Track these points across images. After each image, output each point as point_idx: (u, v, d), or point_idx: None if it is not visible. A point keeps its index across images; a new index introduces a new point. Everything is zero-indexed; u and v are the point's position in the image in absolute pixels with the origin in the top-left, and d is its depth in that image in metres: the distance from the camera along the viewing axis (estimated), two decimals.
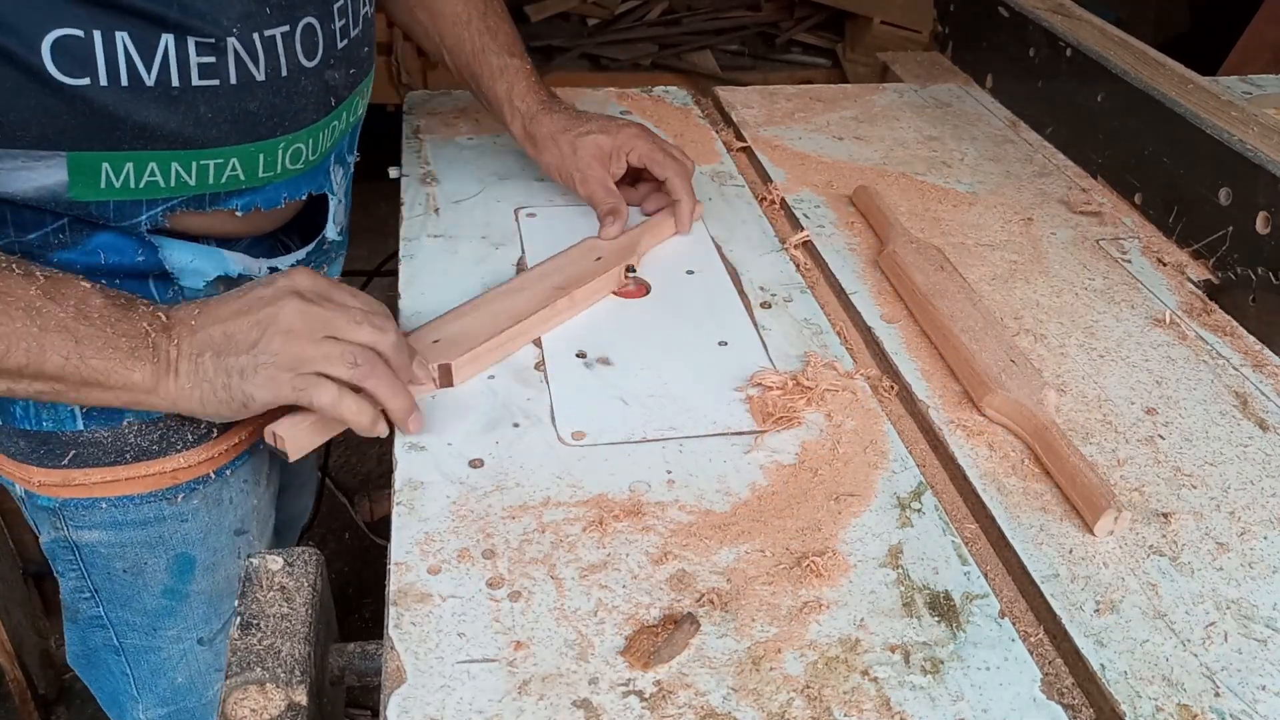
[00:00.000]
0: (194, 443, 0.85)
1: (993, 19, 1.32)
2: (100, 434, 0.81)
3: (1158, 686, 0.57)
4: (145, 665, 0.96)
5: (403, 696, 0.54)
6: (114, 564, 0.89)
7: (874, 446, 0.73)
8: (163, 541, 0.88)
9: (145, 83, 0.67)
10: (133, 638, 0.94)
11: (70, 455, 0.82)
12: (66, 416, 0.80)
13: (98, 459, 0.82)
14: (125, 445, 0.82)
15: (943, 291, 0.87)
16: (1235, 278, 0.92)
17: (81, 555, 0.88)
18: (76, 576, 0.90)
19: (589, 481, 0.69)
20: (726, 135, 1.19)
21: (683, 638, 0.57)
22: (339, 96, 0.81)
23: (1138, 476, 0.72)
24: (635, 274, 0.90)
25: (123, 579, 0.90)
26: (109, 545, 0.88)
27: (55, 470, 0.82)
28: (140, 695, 0.98)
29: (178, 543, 0.89)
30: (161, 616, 0.93)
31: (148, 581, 0.90)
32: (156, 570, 0.90)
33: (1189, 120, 0.98)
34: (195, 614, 0.94)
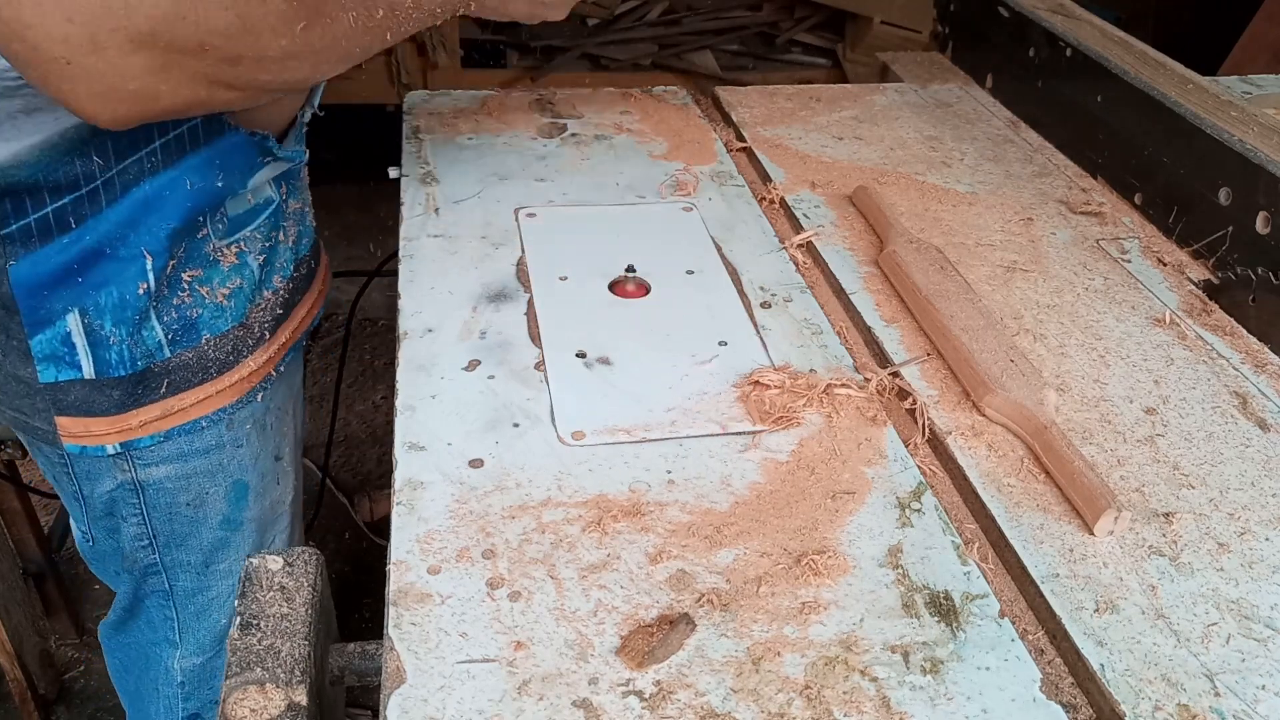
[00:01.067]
0: (254, 346, 0.94)
1: (993, 19, 1.32)
2: (185, 355, 0.89)
3: (1158, 686, 0.57)
4: (192, 608, 1.03)
5: (403, 696, 0.54)
6: (179, 498, 0.96)
7: (873, 446, 0.73)
8: (222, 469, 0.96)
9: None
10: (184, 579, 1.01)
11: (165, 385, 0.89)
12: (155, 348, 0.87)
13: (188, 381, 0.90)
14: (208, 361, 0.91)
15: (943, 291, 0.87)
16: (1235, 278, 0.92)
17: (146, 497, 0.95)
18: (138, 522, 0.96)
19: (589, 481, 0.69)
20: (726, 135, 1.20)
21: (678, 638, 0.57)
22: None
23: (1138, 476, 0.72)
24: (635, 274, 0.90)
25: (184, 514, 0.97)
26: (175, 479, 0.94)
27: (155, 404, 0.89)
28: (182, 640, 1.05)
29: (234, 469, 0.97)
30: (216, 550, 1.01)
31: (208, 513, 0.98)
32: (216, 499, 0.98)
33: (1189, 120, 0.98)
34: (247, 542, 1.03)
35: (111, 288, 0.82)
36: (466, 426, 0.73)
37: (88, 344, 0.84)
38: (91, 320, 0.83)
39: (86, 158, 0.76)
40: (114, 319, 0.84)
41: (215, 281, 0.89)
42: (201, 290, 0.88)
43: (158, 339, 0.87)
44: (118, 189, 0.79)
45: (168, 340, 0.87)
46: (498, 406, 0.75)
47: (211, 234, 0.87)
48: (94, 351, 0.84)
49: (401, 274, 0.90)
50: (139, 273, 0.83)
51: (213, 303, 0.89)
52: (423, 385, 0.77)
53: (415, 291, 0.88)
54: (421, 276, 0.90)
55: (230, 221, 0.88)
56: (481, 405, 0.75)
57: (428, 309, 0.85)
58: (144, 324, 0.85)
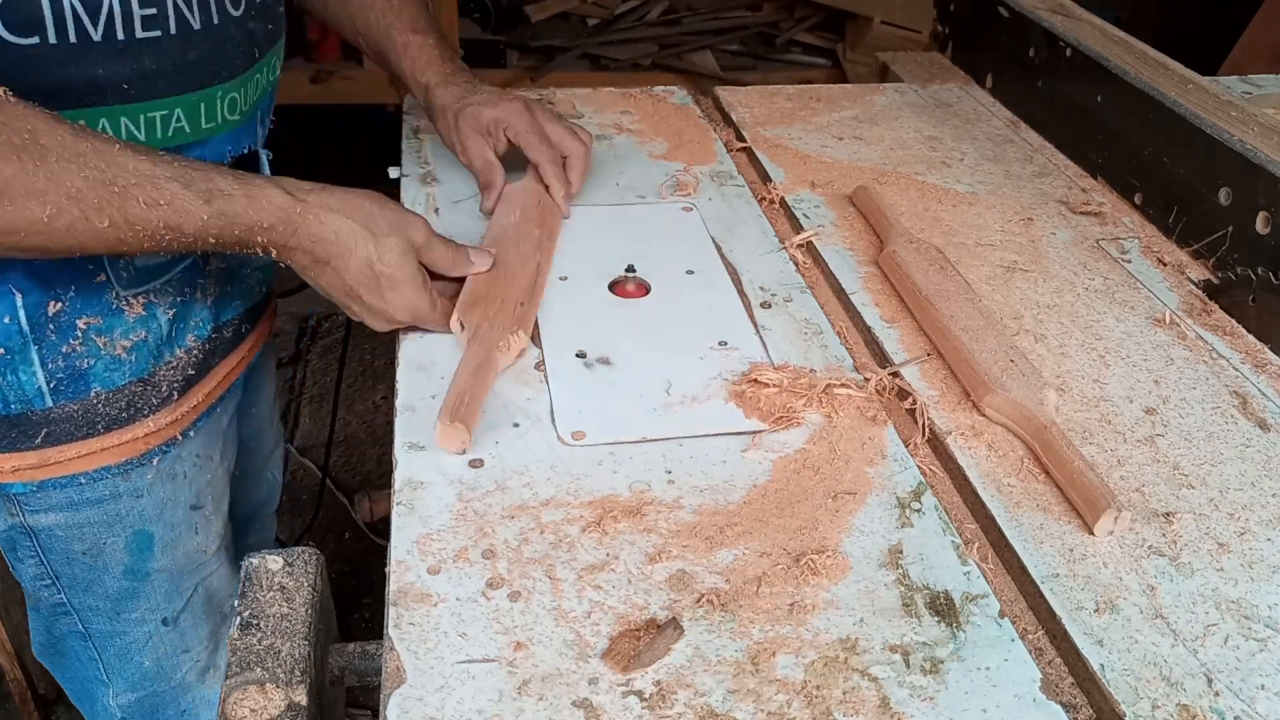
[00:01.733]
0: (158, 406, 0.88)
1: (993, 19, 1.32)
2: (70, 408, 0.83)
3: (1158, 686, 0.57)
4: (112, 650, 0.98)
5: (403, 696, 0.54)
6: (73, 546, 0.91)
7: (874, 446, 0.73)
8: (120, 519, 0.91)
9: (92, 38, 0.70)
10: (98, 622, 0.96)
11: (43, 434, 0.84)
12: (34, 395, 0.82)
13: (70, 434, 0.84)
14: (96, 416, 0.85)
15: (943, 291, 0.86)
16: (1235, 278, 0.92)
17: (40, 541, 0.90)
18: (36, 563, 0.92)
19: (589, 481, 0.69)
20: (726, 135, 1.19)
21: (665, 642, 0.56)
22: (261, 49, 0.86)
23: (1138, 476, 0.72)
24: (635, 274, 0.90)
25: (82, 561, 0.92)
26: (66, 527, 0.89)
27: (30, 452, 0.84)
28: (110, 680, 1.00)
29: (135, 520, 0.91)
30: (124, 599, 0.95)
31: (108, 563, 0.92)
32: (116, 550, 0.92)
33: (1189, 120, 0.98)
34: (158, 593, 0.96)
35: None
36: None
37: None
38: None
39: None
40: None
41: (116, 332, 0.83)
42: (98, 340, 0.83)
43: (37, 385, 0.81)
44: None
45: (49, 388, 0.82)
46: (498, 406, 0.75)
47: (113, 280, 0.82)
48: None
49: None
50: (8, 309, 0.78)
51: (109, 355, 0.84)
52: (423, 385, 0.77)
53: None
54: None
55: (137, 271, 0.83)
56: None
57: None
58: (20, 366, 0.80)
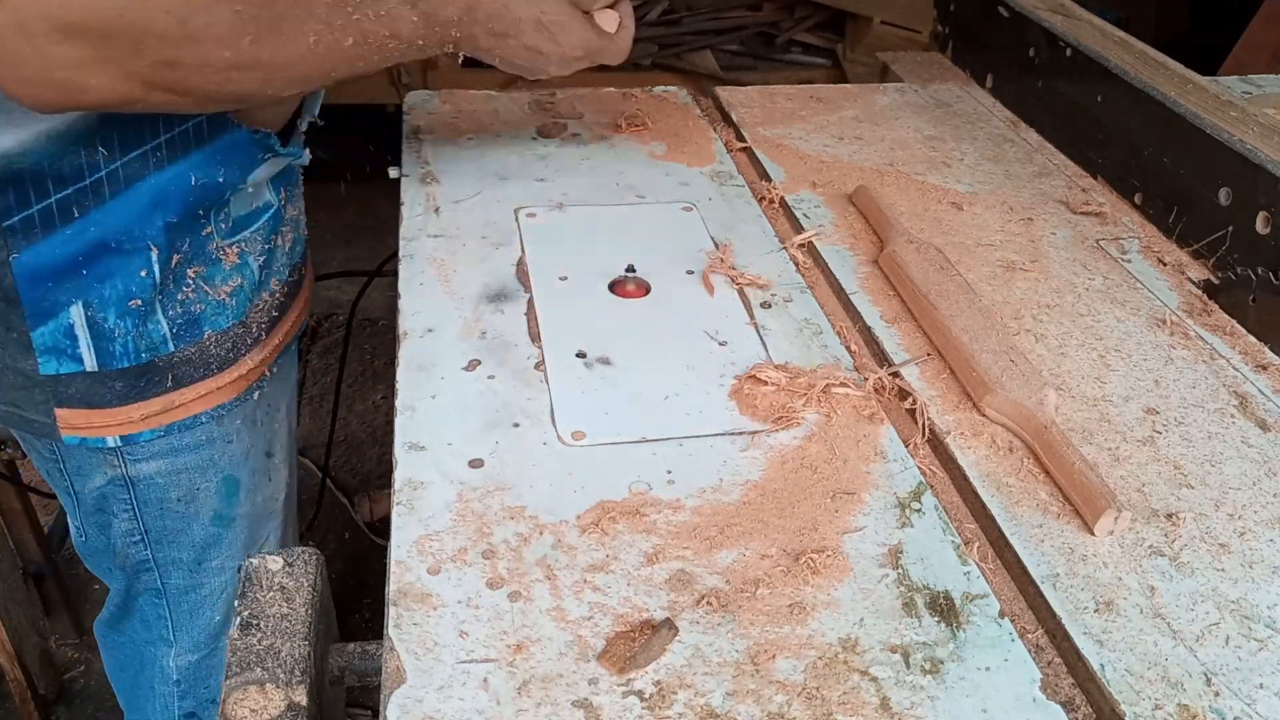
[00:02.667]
0: (252, 345, 0.96)
1: (993, 19, 1.32)
2: (189, 351, 0.90)
3: (1158, 686, 0.57)
4: (185, 605, 1.03)
5: (403, 696, 0.54)
6: (169, 494, 0.96)
7: (873, 446, 0.73)
8: (213, 464, 0.97)
9: None
10: (176, 576, 1.01)
11: (170, 379, 0.90)
12: (160, 342, 0.88)
13: (190, 376, 0.91)
14: (209, 357, 0.92)
15: (943, 291, 0.86)
16: (1235, 278, 0.92)
17: (136, 492, 0.95)
18: (129, 518, 0.97)
19: (589, 482, 0.69)
20: (726, 135, 1.19)
21: (660, 643, 0.56)
22: None
23: (1138, 476, 0.72)
24: (635, 274, 0.90)
25: (175, 510, 0.97)
26: (165, 474, 0.95)
27: (158, 398, 0.90)
28: (176, 638, 1.05)
29: (225, 464, 0.98)
30: (208, 547, 1.01)
31: (199, 509, 0.98)
32: (208, 495, 0.98)
33: (1189, 120, 0.98)
34: (239, 540, 1.03)
35: (116, 280, 0.83)
36: (466, 426, 0.73)
37: (90, 337, 0.84)
38: (95, 313, 0.83)
39: (91, 149, 0.76)
40: (118, 311, 0.84)
41: (218, 279, 0.90)
42: (205, 287, 0.89)
43: (163, 333, 0.87)
44: (122, 181, 0.79)
45: (172, 334, 0.88)
46: (498, 406, 0.75)
47: (215, 232, 0.87)
48: (97, 344, 0.85)
49: (401, 274, 0.90)
50: (144, 264, 0.83)
51: (215, 299, 0.90)
52: (423, 385, 0.77)
53: (415, 291, 0.88)
54: (421, 276, 0.90)
55: (234, 222, 0.89)
56: (481, 405, 0.75)
57: (428, 309, 0.85)
58: (149, 317, 0.85)
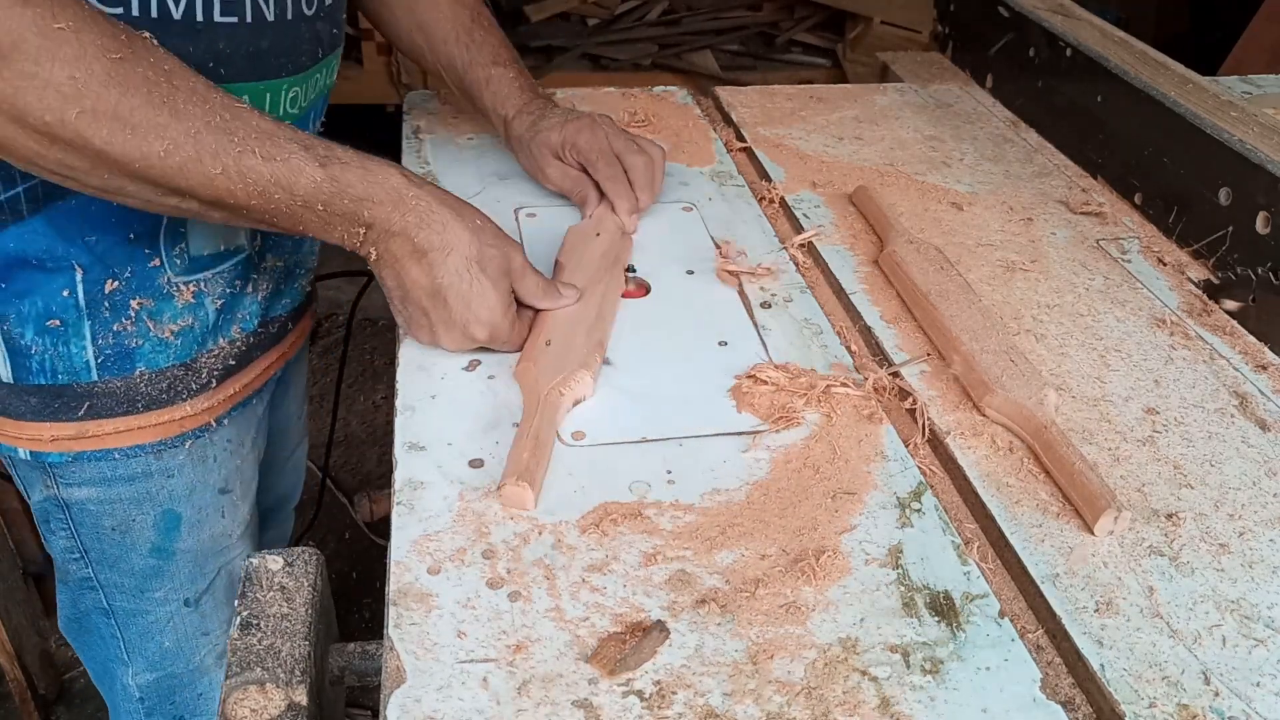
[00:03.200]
0: (197, 392, 0.90)
1: (993, 19, 1.32)
2: (114, 384, 0.85)
3: (1157, 686, 0.57)
4: (134, 628, 0.99)
5: (403, 696, 0.54)
6: (103, 521, 0.92)
7: (873, 446, 0.73)
8: (150, 497, 0.92)
9: (172, 16, 0.72)
10: (121, 600, 0.98)
11: (85, 407, 0.85)
12: (81, 367, 0.83)
13: (110, 409, 0.86)
14: (136, 395, 0.87)
15: (943, 291, 0.87)
16: (1235, 278, 0.92)
17: (71, 514, 0.92)
18: (67, 536, 0.94)
19: (589, 482, 0.69)
20: (726, 135, 1.19)
21: (650, 645, 0.56)
22: (324, 50, 0.88)
23: (1138, 476, 0.72)
24: (635, 274, 0.90)
25: (111, 537, 0.93)
26: (98, 502, 0.91)
27: (70, 423, 0.86)
28: (130, 659, 1.02)
29: (164, 498, 0.93)
30: (149, 577, 0.96)
31: (135, 540, 0.94)
32: (144, 527, 0.93)
33: (1189, 120, 0.98)
34: (181, 573, 0.98)
35: (35, 297, 0.80)
36: (466, 426, 0.73)
37: (6, 350, 0.82)
38: (12, 328, 0.81)
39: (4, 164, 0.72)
40: (35, 329, 0.81)
41: (165, 316, 0.85)
42: (148, 322, 0.84)
43: (86, 359, 0.83)
44: (41, 199, 0.76)
45: (97, 363, 0.84)
46: (498, 406, 0.75)
47: (166, 266, 0.84)
48: (12, 358, 0.82)
49: None
50: (67, 284, 0.80)
51: (157, 336, 0.85)
52: (423, 385, 0.77)
53: None
54: None
55: (191, 260, 0.85)
56: (481, 405, 0.75)
57: None
58: (72, 339, 0.82)
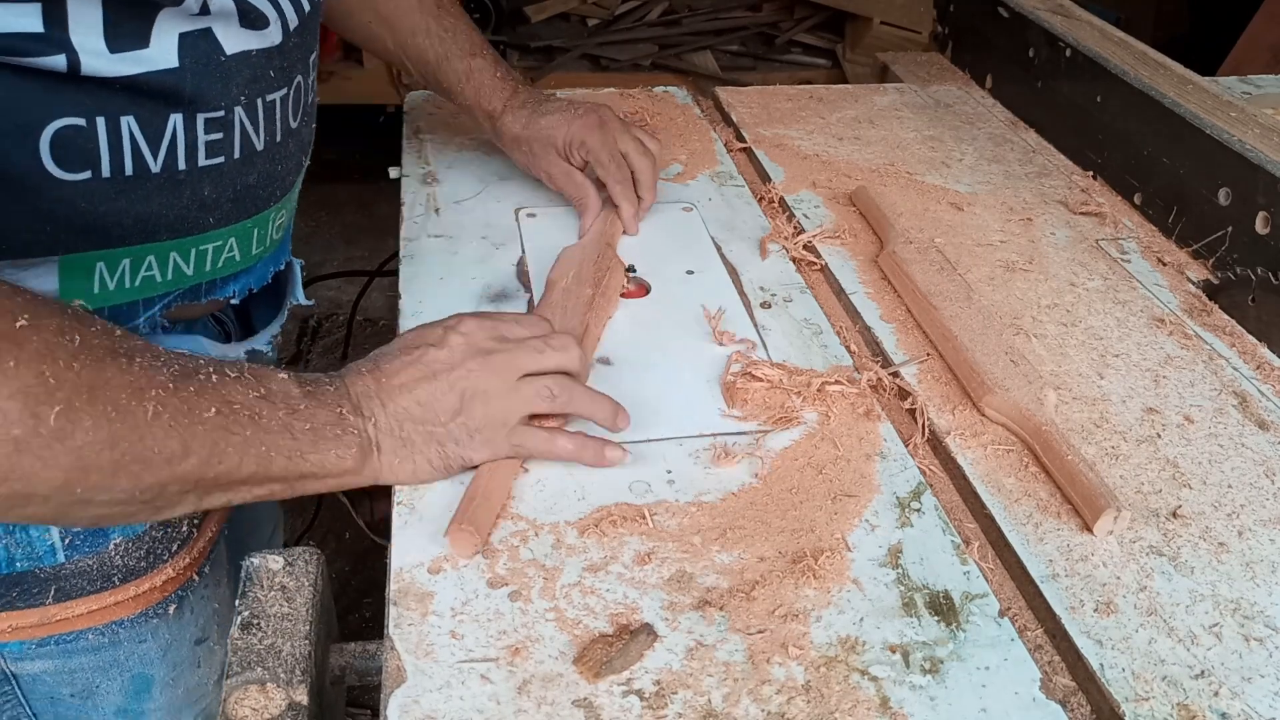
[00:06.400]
0: (177, 550, 0.80)
1: (993, 19, 1.32)
2: (85, 562, 0.75)
3: (1157, 686, 0.57)
4: None
5: (403, 696, 0.54)
6: (60, 690, 0.81)
7: (873, 446, 0.73)
8: (118, 664, 0.81)
9: (151, 170, 0.64)
10: None
11: (52, 591, 0.75)
12: (45, 552, 0.74)
13: (81, 589, 0.76)
14: (111, 569, 0.77)
15: (942, 292, 0.87)
16: (1235, 278, 0.92)
17: (20, 686, 0.81)
18: (13, 705, 0.82)
19: (588, 482, 0.69)
20: (726, 135, 1.20)
21: (637, 648, 0.56)
22: (306, 154, 0.78)
23: (1137, 476, 0.72)
24: (635, 274, 0.90)
25: (69, 703, 0.82)
26: (56, 674, 0.80)
27: (33, 610, 0.75)
28: None
29: (134, 664, 0.82)
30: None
31: (100, 704, 0.83)
32: (110, 693, 0.83)
33: (1189, 120, 0.98)
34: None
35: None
36: None
37: None
38: None
39: None
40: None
41: None
42: None
43: (50, 542, 0.73)
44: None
45: (64, 544, 0.74)
46: None
47: None
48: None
49: (402, 274, 0.90)
50: None
51: None
52: None
53: (416, 291, 0.88)
54: (422, 276, 0.90)
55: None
56: None
57: (428, 309, 0.85)
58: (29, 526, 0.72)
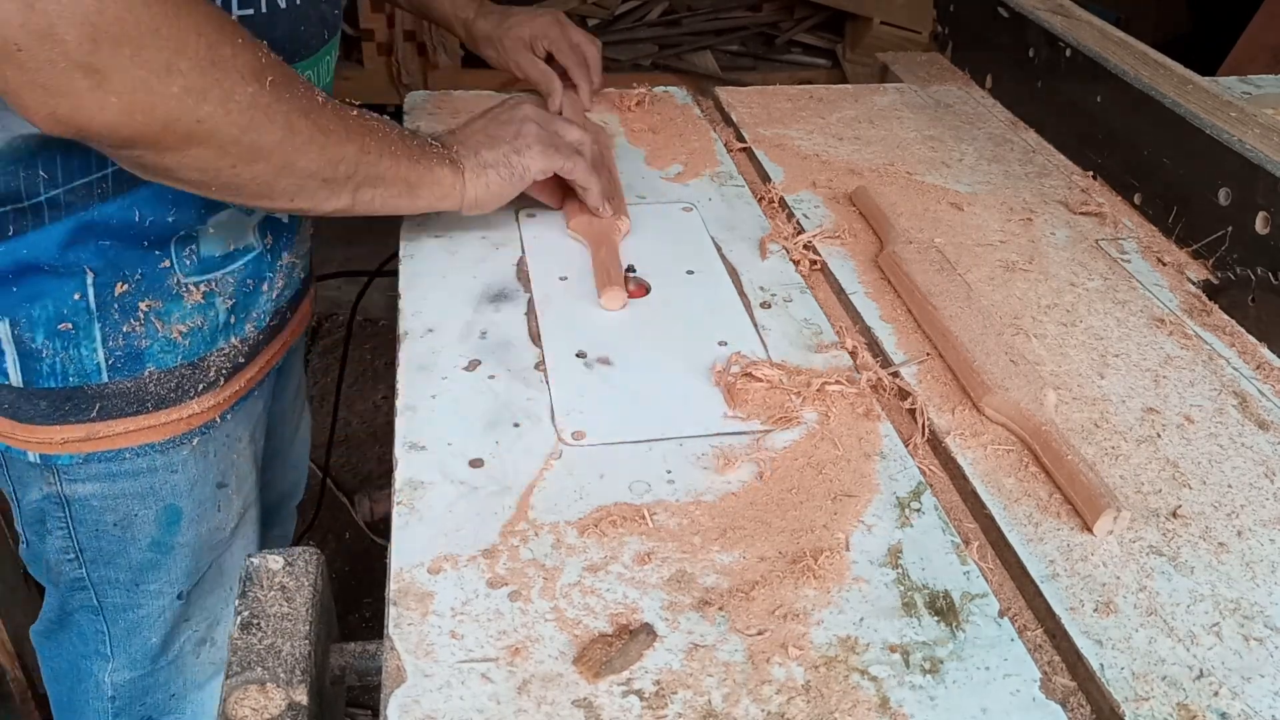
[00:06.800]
0: (204, 390, 0.91)
1: (993, 19, 1.32)
2: (124, 384, 0.86)
3: (1157, 686, 0.57)
4: (122, 623, 0.99)
5: (403, 696, 0.54)
6: (105, 517, 0.92)
7: (873, 446, 0.73)
8: (154, 492, 0.93)
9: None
10: (113, 595, 0.98)
11: (96, 408, 0.86)
12: (93, 370, 0.84)
13: (121, 410, 0.87)
14: (146, 394, 0.87)
15: (942, 292, 0.87)
16: (1235, 278, 0.92)
17: (72, 511, 0.92)
18: (64, 535, 0.94)
19: (588, 482, 0.69)
20: (726, 135, 1.20)
21: (637, 648, 0.56)
22: (329, 31, 0.90)
23: (1137, 476, 0.72)
24: (635, 274, 0.90)
25: (111, 534, 0.93)
26: (102, 498, 0.91)
27: (80, 425, 0.86)
28: (114, 654, 1.01)
29: (167, 493, 0.93)
30: (145, 570, 0.97)
31: (136, 535, 0.94)
32: (145, 522, 0.94)
33: (1189, 120, 0.98)
34: (178, 567, 0.98)
35: (46, 301, 0.80)
36: (467, 426, 0.73)
37: (17, 354, 0.82)
38: (22, 331, 0.81)
39: (32, 171, 0.74)
40: (46, 332, 0.81)
41: (174, 316, 0.86)
42: (156, 322, 0.84)
43: (96, 361, 0.84)
44: (63, 208, 0.76)
45: (108, 365, 0.84)
46: (498, 406, 0.75)
47: (176, 267, 0.84)
48: (23, 361, 0.82)
49: (402, 274, 0.90)
50: (78, 288, 0.80)
51: (165, 337, 0.86)
52: (423, 385, 0.77)
53: (415, 291, 0.88)
54: (422, 276, 0.90)
55: (201, 260, 0.85)
56: (482, 405, 0.75)
57: (428, 309, 0.85)
58: (82, 342, 0.82)
